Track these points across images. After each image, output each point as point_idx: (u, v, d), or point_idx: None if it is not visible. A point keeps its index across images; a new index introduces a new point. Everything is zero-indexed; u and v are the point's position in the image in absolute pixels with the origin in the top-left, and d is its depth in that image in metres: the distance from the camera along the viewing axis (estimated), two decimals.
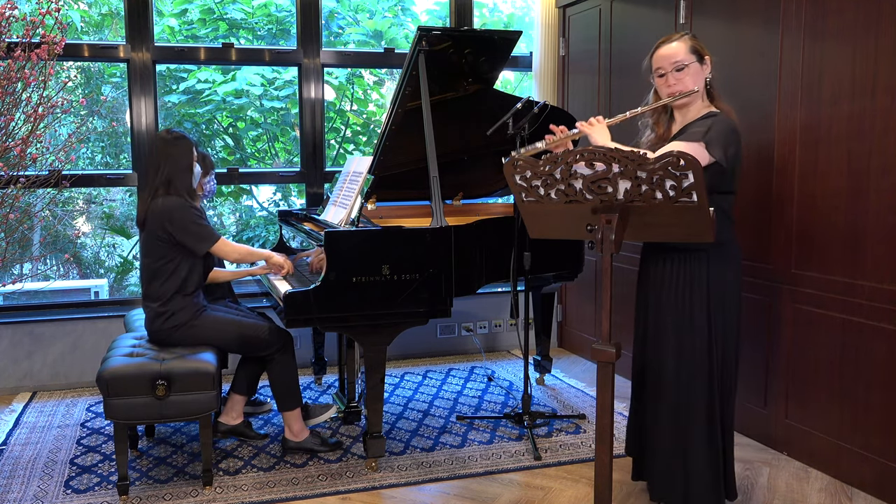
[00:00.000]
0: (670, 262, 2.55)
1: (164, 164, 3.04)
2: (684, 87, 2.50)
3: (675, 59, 2.50)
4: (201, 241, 3.01)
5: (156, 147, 3.09)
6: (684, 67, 2.49)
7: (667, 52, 2.52)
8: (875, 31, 2.77)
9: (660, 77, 2.55)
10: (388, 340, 3.03)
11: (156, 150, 3.08)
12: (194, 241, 3.00)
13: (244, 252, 3.22)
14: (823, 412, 3.05)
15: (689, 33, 2.58)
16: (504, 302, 4.92)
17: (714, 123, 2.43)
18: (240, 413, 3.41)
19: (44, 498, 2.89)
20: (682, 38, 2.53)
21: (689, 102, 2.54)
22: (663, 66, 2.52)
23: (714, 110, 2.53)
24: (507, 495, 2.92)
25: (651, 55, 2.59)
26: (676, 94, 2.51)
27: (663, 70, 2.52)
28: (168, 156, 3.05)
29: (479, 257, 3.24)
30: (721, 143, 2.39)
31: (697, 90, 2.51)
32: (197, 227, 3.00)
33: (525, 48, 5.05)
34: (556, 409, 3.85)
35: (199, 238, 3.00)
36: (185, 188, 3.06)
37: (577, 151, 1.96)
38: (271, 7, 6.24)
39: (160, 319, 3.02)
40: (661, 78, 2.54)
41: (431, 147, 3.07)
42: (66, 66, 5.30)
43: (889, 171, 2.74)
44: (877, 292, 2.80)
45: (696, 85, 2.50)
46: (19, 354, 4.18)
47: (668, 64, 2.51)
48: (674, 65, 2.50)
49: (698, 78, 2.52)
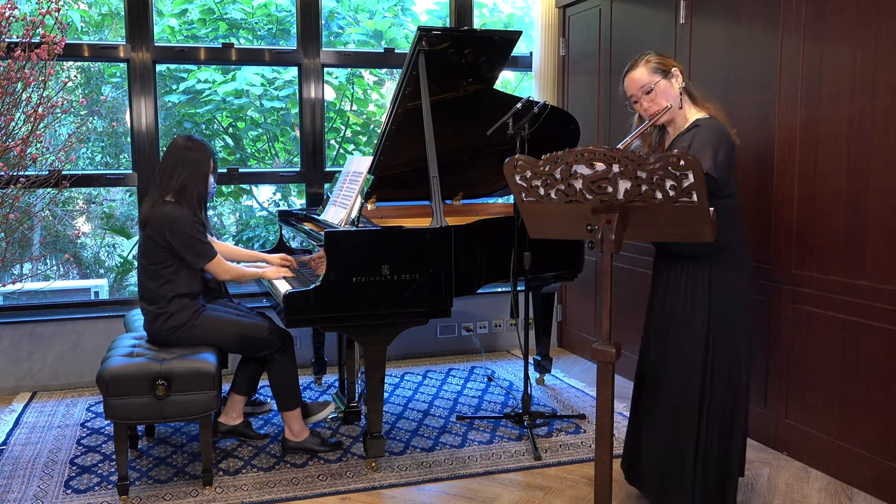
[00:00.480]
0: (677, 267, 2.59)
1: (179, 171, 3.03)
2: (659, 107, 2.59)
3: (641, 84, 2.59)
4: (198, 257, 3.01)
5: (174, 152, 3.08)
6: (651, 90, 2.58)
7: (631, 80, 2.62)
8: (875, 31, 2.77)
9: (634, 103, 2.65)
10: (388, 340, 3.03)
11: (173, 156, 3.07)
12: (191, 256, 3.00)
13: (236, 274, 3.18)
14: (823, 412, 3.05)
15: (651, 52, 2.65)
16: (504, 302, 4.92)
17: (696, 134, 2.49)
18: (240, 413, 3.41)
19: (44, 498, 2.89)
20: (643, 62, 2.61)
21: (672, 115, 2.62)
22: (634, 93, 2.63)
23: (699, 117, 2.58)
24: (507, 495, 2.92)
25: (621, 85, 2.69)
26: (654, 115, 2.60)
27: (635, 97, 2.63)
28: (186, 163, 3.04)
29: (479, 257, 3.24)
30: (709, 152, 2.41)
31: (671, 106, 2.58)
32: (196, 243, 2.99)
33: (525, 48, 5.05)
34: (556, 409, 3.85)
35: (196, 254, 3.00)
36: (198, 197, 3.06)
37: (577, 151, 1.96)
38: (271, 7, 6.24)
39: (160, 320, 3.02)
40: (636, 104, 2.65)
41: (431, 147, 3.07)
42: (66, 66, 5.30)
43: (889, 171, 2.74)
44: (876, 292, 2.80)
45: (669, 100, 2.58)
46: (19, 354, 4.18)
47: (636, 90, 2.61)
48: (641, 89, 2.59)
49: (669, 93, 2.59)
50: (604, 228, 1.99)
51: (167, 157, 3.10)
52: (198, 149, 3.09)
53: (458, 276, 3.07)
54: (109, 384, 2.79)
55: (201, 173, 3.07)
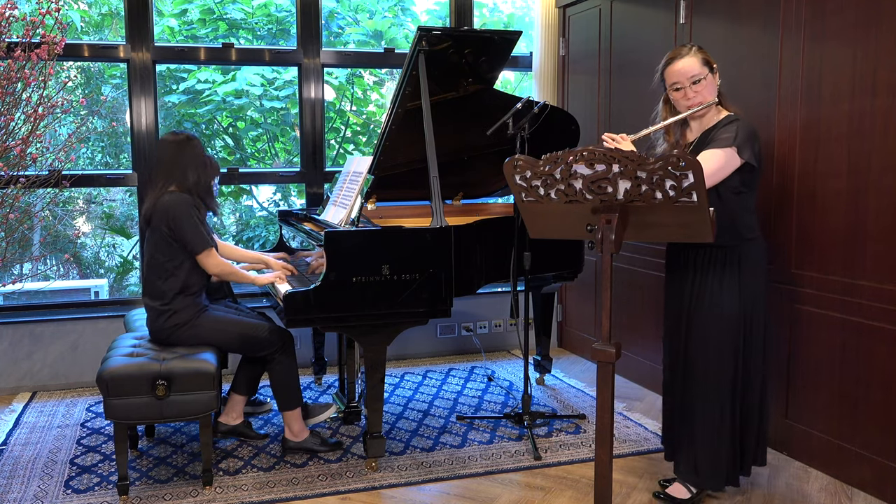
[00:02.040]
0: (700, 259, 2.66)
1: (173, 163, 3.05)
2: (703, 99, 2.62)
3: (692, 74, 2.60)
4: (193, 243, 3.01)
5: (163, 148, 3.09)
6: (701, 80, 2.60)
7: (682, 66, 2.61)
8: (875, 31, 2.77)
9: (677, 91, 2.64)
10: (388, 340, 3.03)
11: (164, 151, 3.09)
12: (188, 241, 3.00)
13: (227, 271, 3.13)
14: (823, 412, 3.05)
15: (696, 45, 2.68)
16: (504, 302, 4.92)
17: (739, 128, 2.56)
18: (240, 413, 3.41)
19: (44, 498, 2.89)
20: (693, 52, 2.63)
21: (708, 111, 2.66)
22: (680, 81, 2.62)
23: (731, 115, 2.65)
24: (507, 495, 2.92)
25: (663, 70, 2.69)
26: (696, 107, 2.62)
27: (680, 84, 2.62)
28: (177, 155, 3.06)
29: (480, 257, 3.24)
30: (749, 145, 2.54)
31: (716, 101, 2.63)
32: (193, 227, 3.00)
33: (525, 48, 5.05)
34: (556, 409, 3.85)
35: (192, 239, 3.00)
36: (197, 183, 3.07)
37: (577, 151, 1.96)
38: (271, 7, 6.24)
39: (163, 318, 3.02)
40: (678, 92, 2.64)
41: (431, 147, 3.07)
42: (66, 66, 5.30)
43: (889, 171, 2.74)
44: (877, 292, 2.80)
45: (713, 95, 2.62)
46: (19, 354, 4.18)
47: (684, 79, 2.61)
48: (691, 79, 2.60)
49: (713, 88, 2.64)
50: (604, 228, 1.99)
51: (159, 155, 3.12)
52: (185, 139, 3.10)
53: (458, 276, 3.07)
54: (109, 384, 2.79)
55: (196, 160, 3.08)
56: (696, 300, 2.67)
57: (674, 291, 2.79)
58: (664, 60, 2.69)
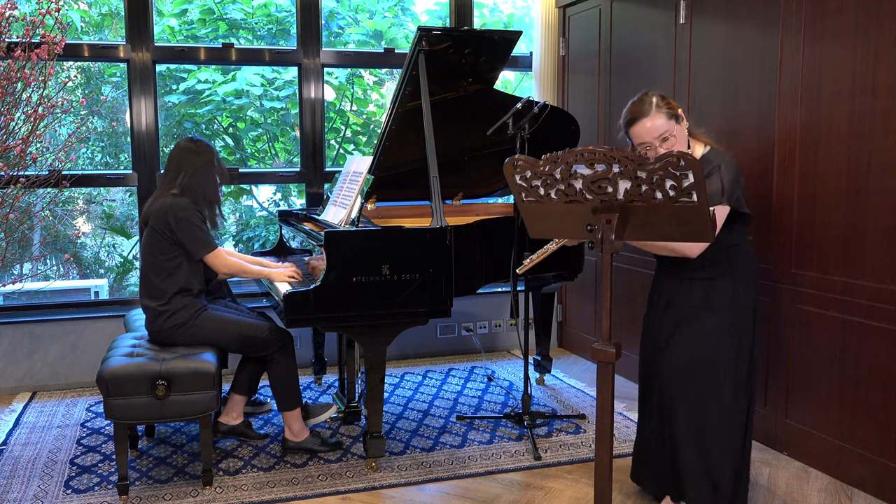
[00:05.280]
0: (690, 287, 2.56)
1: (185, 171, 3.07)
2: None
3: (659, 133, 2.46)
4: (199, 245, 3.01)
5: (178, 153, 3.11)
6: (669, 138, 2.46)
7: (645, 128, 2.46)
8: (875, 31, 2.77)
9: (647, 149, 2.48)
10: (388, 340, 3.03)
11: (177, 157, 3.10)
12: (192, 243, 3.00)
13: (236, 269, 3.16)
14: (823, 412, 3.05)
15: (656, 94, 2.49)
16: (504, 302, 4.92)
17: (723, 176, 2.44)
18: (240, 413, 3.41)
19: (44, 498, 2.89)
20: (654, 107, 2.46)
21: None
22: (648, 142, 2.47)
23: (707, 153, 2.52)
24: (507, 495, 2.92)
25: (626, 129, 2.53)
26: None
27: (649, 145, 2.48)
28: (190, 163, 3.08)
29: (480, 257, 3.24)
30: (735, 188, 2.45)
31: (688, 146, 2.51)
32: (198, 230, 3.00)
33: (525, 48, 5.05)
34: (556, 409, 3.85)
35: (197, 242, 3.01)
36: (204, 197, 3.08)
37: (577, 151, 1.96)
38: (271, 7, 6.24)
39: (161, 318, 3.02)
40: (649, 150, 2.48)
41: (431, 147, 3.07)
42: (66, 66, 5.30)
43: (889, 171, 2.74)
44: (876, 292, 2.80)
45: (684, 143, 2.50)
46: (19, 354, 4.17)
47: (651, 139, 2.46)
48: (658, 138, 2.46)
49: (683, 137, 2.50)
50: (604, 228, 1.98)
51: (171, 159, 3.12)
52: (202, 150, 3.12)
53: (458, 276, 3.07)
54: (109, 384, 2.79)
55: (207, 173, 3.09)
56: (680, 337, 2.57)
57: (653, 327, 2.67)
58: (625, 119, 2.52)
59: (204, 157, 3.10)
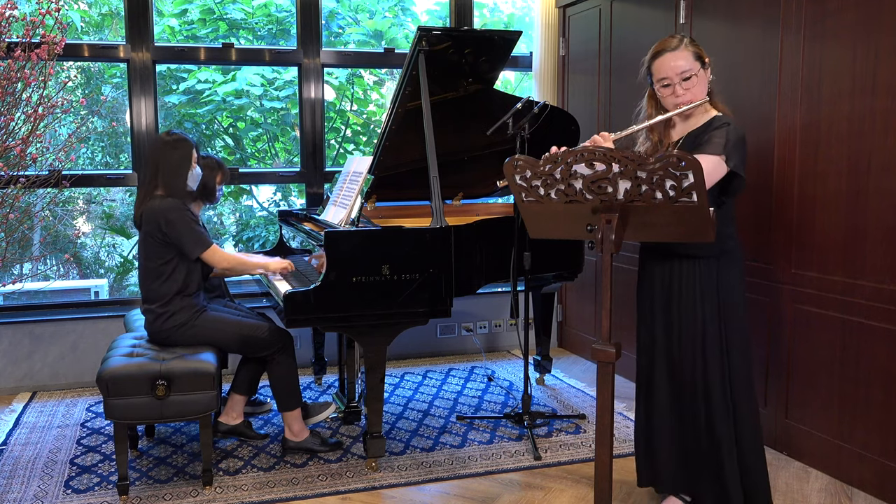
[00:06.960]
0: (677, 269, 2.51)
1: (161, 166, 3.03)
2: (693, 98, 2.40)
3: (682, 69, 2.37)
4: (194, 245, 3.00)
5: (155, 148, 3.08)
6: (691, 76, 2.37)
7: (671, 61, 2.38)
8: (875, 31, 2.77)
9: (665, 87, 2.42)
10: (388, 340, 3.03)
11: (154, 152, 3.07)
12: (187, 244, 2.99)
13: (234, 262, 3.17)
14: (823, 412, 3.05)
15: (688, 36, 2.47)
16: (504, 302, 4.92)
17: (729, 133, 2.35)
18: (240, 413, 3.41)
19: (44, 498, 2.89)
20: (684, 45, 2.39)
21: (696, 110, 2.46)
22: (669, 77, 2.39)
23: (719, 115, 2.45)
24: (507, 495, 2.92)
25: (650, 62, 2.46)
26: (685, 105, 2.40)
27: (669, 80, 2.40)
28: (166, 158, 3.03)
29: (480, 257, 3.23)
30: (738, 153, 2.36)
31: (706, 100, 2.42)
32: (191, 230, 2.99)
33: (525, 48, 5.05)
34: (556, 409, 3.85)
35: (192, 242, 2.99)
36: (181, 190, 3.05)
37: (577, 151, 1.96)
38: (271, 7, 6.24)
39: (161, 320, 3.02)
40: (666, 88, 2.42)
41: (431, 147, 3.07)
42: (66, 66, 5.30)
43: (889, 171, 2.74)
44: (876, 292, 2.80)
45: (703, 93, 2.41)
46: (19, 354, 4.18)
47: (674, 74, 2.38)
48: (680, 75, 2.38)
49: (704, 85, 2.41)
50: (604, 228, 1.99)
51: (148, 155, 3.10)
52: (175, 144, 3.06)
53: (458, 276, 3.07)
54: (109, 384, 2.79)
55: (184, 167, 3.05)
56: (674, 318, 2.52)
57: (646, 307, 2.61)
58: (651, 52, 2.44)
59: (181, 151, 3.05)
